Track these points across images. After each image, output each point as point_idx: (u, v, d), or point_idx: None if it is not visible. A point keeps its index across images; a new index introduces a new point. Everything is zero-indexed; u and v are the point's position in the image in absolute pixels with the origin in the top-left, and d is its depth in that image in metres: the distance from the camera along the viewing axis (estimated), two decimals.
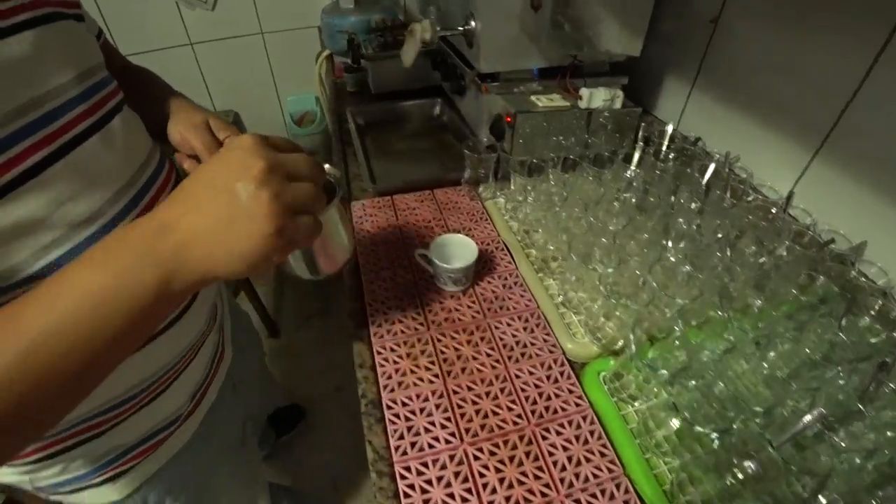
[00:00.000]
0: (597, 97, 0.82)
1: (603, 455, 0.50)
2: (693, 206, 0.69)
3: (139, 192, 0.43)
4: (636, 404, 0.56)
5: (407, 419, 0.51)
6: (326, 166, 0.42)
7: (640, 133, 0.87)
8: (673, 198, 0.71)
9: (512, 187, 0.79)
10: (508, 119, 0.80)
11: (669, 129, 0.87)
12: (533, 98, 0.85)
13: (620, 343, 0.60)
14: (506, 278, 0.69)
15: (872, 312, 0.55)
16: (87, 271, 0.28)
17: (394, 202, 0.83)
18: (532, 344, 0.60)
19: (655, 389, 0.54)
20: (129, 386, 0.45)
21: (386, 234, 0.76)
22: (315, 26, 1.60)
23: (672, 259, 0.62)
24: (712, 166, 0.77)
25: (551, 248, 0.71)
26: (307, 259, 0.43)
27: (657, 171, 0.76)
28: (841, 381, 0.47)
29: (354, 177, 0.92)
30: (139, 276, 0.28)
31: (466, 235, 0.66)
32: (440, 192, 0.85)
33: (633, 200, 0.71)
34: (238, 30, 1.57)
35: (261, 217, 0.28)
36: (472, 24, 0.84)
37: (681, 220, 0.68)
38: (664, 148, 0.84)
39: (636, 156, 0.81)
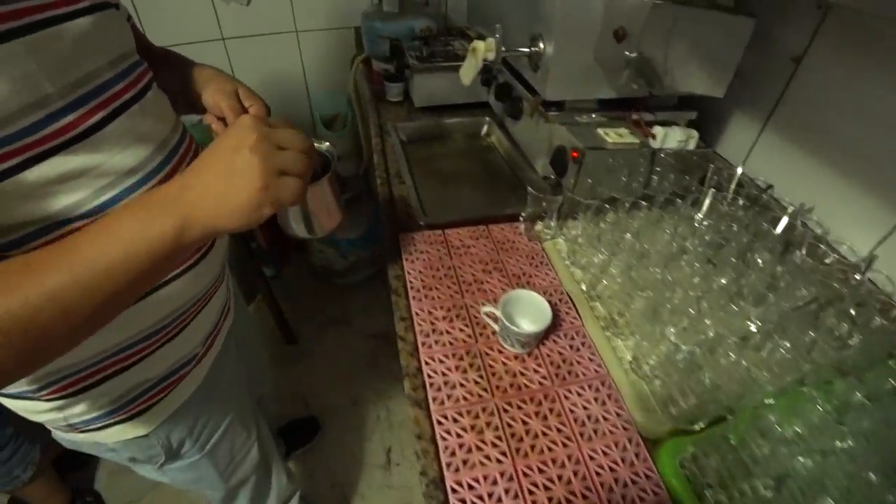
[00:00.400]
0: (671, 137, 0.76)
1: None
2: (778, 269, 0.64)
3: (170, 152, 0.50)
4: (720, 497, 0.51)
5: None
6: (326, 144, 0.50)
7: (710, 175, 0.81)
8: (748, 254, 0.66)
9: (579, 230, 0.73)
10: (575, 154, 0.74)
11: (739, 172, 0.81)
12: (600, 132, 0.78)
13: (701, 425, 0.55)
14: (572, 337, 0.63)
15: None
16: (123, 218, 0.35)
17: (446, 238, 0.77)
18: (605, 419, 0.55)
19: (747, 486, 0.49)
20: (160, 317, 0.51)
21: (440, 275, 0.70)
22: (352, 27, 1.54)
23: (754, 330, 0.57)
24: (785, 219, 0.71)
25: (619, 303, 0.66)
26: (305, 220, 0.51)
27: (732, 225, 0.70)
28: None
29: (399, 200, 0.86)
30: (161, 224, 0.35)
31: (528, 284, 0.61)
32: (496, 229, 0.79)
33: (706, 253, 0.66)
34: (272, 27, 1.51)
35: (250, 173, 0.36)
36: (541, 45, 0.78)
37: (755, 277, 0.63)
38: (731, 193, 0.78)
39: (706, 202, 0.75)
